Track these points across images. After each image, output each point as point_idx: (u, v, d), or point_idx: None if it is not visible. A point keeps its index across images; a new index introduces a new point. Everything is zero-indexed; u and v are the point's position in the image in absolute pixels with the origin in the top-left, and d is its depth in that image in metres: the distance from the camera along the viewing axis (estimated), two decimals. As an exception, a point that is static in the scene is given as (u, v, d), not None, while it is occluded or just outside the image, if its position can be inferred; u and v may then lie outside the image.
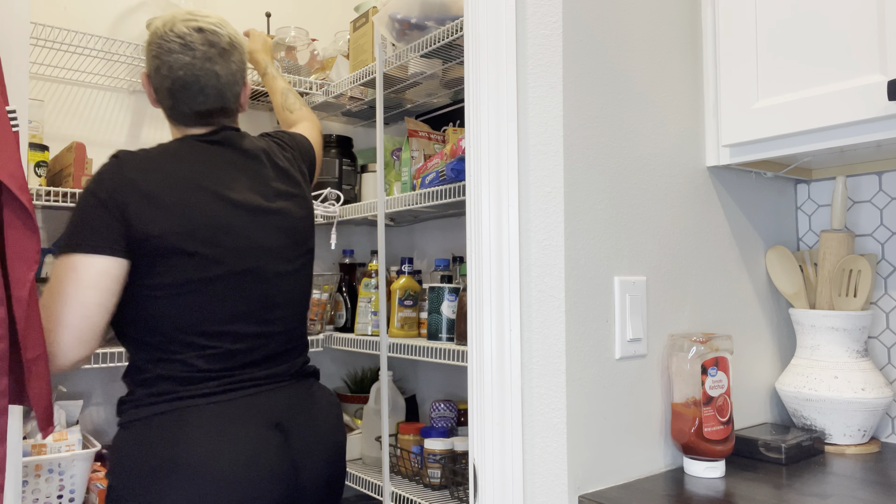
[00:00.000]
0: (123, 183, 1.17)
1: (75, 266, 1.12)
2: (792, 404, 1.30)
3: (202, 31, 1.27)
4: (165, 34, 1.26)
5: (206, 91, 1.28)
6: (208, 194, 1.22)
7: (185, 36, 1.26)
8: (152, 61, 1.28)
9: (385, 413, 1.85)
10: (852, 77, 1.07)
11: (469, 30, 1.17)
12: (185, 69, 1.26)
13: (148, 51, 1.30)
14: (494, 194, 1.12)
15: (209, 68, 1.27)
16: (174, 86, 1.27)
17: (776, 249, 1.38)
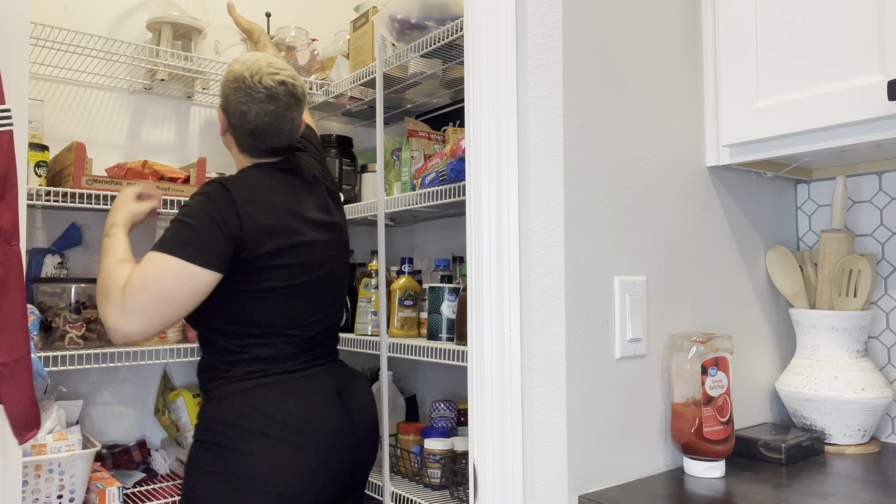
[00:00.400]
0: (235, 211, 1.38)
1: (192, 275, 1.33)
2: (792, 404, 1.30)
3: (284, 84, 1.49)
4: (254, 85, 1.47)
5: (282, 134, 1.51)
6: (295, 216, 1.47)
7: (272, 89, 1.47)
8: (238, 105, 1.48)
9: (385, 413, 1.85)
10: (852, 77, 1.07)
11: (469, 30, 1.17)
12: (270, 116, 1.48)
13: (233, 93, 1.48)
14: (494, 194, 1.12)
15: (288, 116, 1.50)
16: (257, 129, 1.49)
17: (776, 249, 1.38)
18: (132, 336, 1.31)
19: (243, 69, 1.48)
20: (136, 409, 2.10)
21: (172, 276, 1.31)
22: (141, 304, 1.29)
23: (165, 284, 1.30)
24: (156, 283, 1.30)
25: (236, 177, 1.45)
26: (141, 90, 2.17)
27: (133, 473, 1.97)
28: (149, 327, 1.31)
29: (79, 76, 2.06)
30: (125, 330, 1.29)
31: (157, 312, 1.31)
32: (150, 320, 1.31)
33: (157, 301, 1.30)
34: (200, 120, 2.30)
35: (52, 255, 1.90)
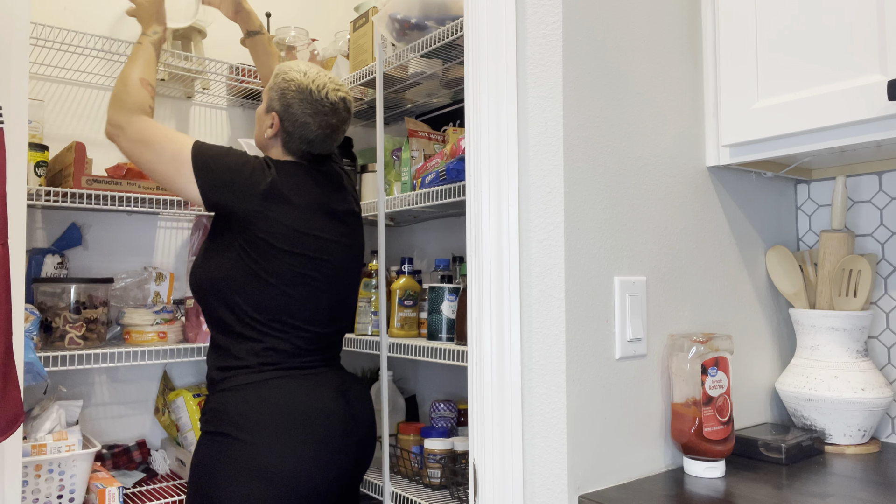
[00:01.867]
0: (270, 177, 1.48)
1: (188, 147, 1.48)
2: (792, 404, 1.30)
3: (345, 100, 1.60)
4: (321, 99, 1.56)
5: (333, 144, 1.62)
6: (322, 212, 1.54)
7: (335, 104, 1.58)
8: (302, 116, 1.55)
9: (385, 413, 1.85)
10: (852, 77, 1.07)
11: (469, 30, 1.17)
12: (329, 129, 1.58)
13: (297, 103, 1.56)
14: (494, 194, 1.12)
15: (343, 129, 1.62)
16: (317, 138, 1.57)
17: (776, 249, 1.38)
18: (117, 137, 1.52)
19: (308, 82, 1.56)
20: (136, 409, 2.10)
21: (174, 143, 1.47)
22: (142, 134, 1.49)
23: (165, 134, 1.49)
24: (159, 131, 1.50)
25: (278, 161, 1.55)
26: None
27: (133, 473, 1.97)
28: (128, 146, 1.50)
29: (79, 76, 2.06)
30: (116, 134, 1.51)
31: (144, 134, 1.49)
32: (136, 136, 1.49)
33: (157, 142, 1.47)
34: (200, 120, 2.30)
35: (52, 255, 1.90)
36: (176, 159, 1.45)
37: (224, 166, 1.46)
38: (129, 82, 1.55)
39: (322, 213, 1.53)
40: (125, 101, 1.52)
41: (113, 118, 1.51)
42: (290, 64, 1.60)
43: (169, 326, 1.92)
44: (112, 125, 1.51)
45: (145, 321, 1.89)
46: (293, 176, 1.51)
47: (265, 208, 1.45)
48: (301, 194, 1.50)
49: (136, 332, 1.88)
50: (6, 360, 1.07)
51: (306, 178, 1.54)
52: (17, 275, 1.22)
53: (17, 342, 1.21)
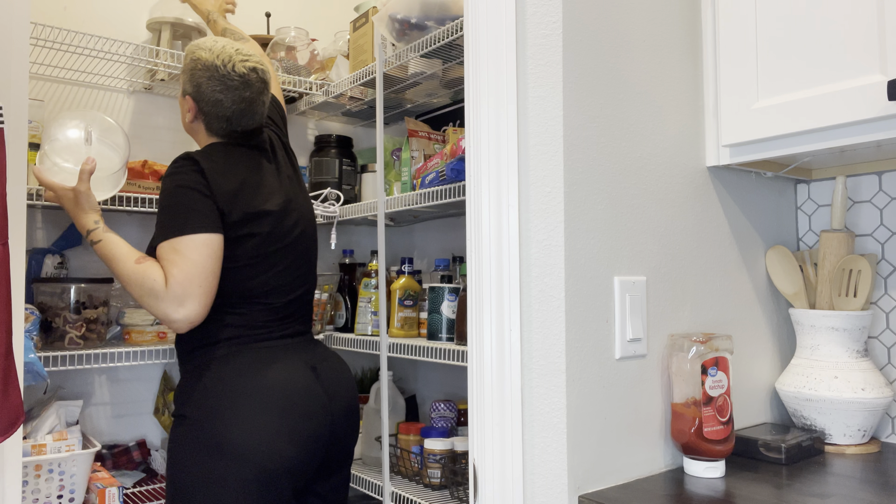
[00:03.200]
0: (204, 179, 1.44)
1: (207, 242, 1.40)
2: (792, 404, 1.30)
3: (255, 70, 1.54)
4: (228, 73, 1.51)
5: (255, 117, 1.57)
6: (260, 187, 1.51)
7: (245, 76, 1.52)
8: (213, 94, 1.51)
9: (385, 413, 1.85)
10: (852, 77, 1.07)
11: (469, 30, 1.17)
12: (245, 102, 1.53)
13: (206, 82, 1.52)
14: (494, 194, 1.12)
15: (261, 100, 1.57)
16: (234, 114, 1.53)
17: (776, 249, 1.38)
18: (196, 318, 1.38)
19: (212, 57, 1.51)
20: (136, 409, 2.10)
21: (194, 251, 1.38)
22: (188, 288, 1.36)
23: (194, 261, 1.38)
24: (189, 264, 1.37)
25: (201, 151, 1.50)
26: (141, 90, 2.17)
27: (133, 473, 1.97)
28: (205, 304, 1.39)
29: (79, 76, 2.06)
30: (190, 317, 1.37)
31: (203, 288, 1.38)
32: (203, 296, 1.38)
33: (198, 279, 1.37)
34: (200, 120, 2.30)
35: (52, 255, 1.90)
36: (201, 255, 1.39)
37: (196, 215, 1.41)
38: (132, 276, 1.40)
39: (258, 188, 1.51)
40: (154, 289, 1.37)
41: (166, 313, 1.37)
42: (198, 41, 1.56)
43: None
44: (169, 319, 1.37)
45: (145, 321, 1.89)
46: (220, 163, 1.49)
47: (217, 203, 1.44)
48: (232, 177, 1.48)
49: (136, 332, 1.88)
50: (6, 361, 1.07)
51: (234, 158, 1.52)
52: (17, 275, 1.22)
53: (17, 342, 1.21)
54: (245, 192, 1.48)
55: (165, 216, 1.42)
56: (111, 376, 2.06)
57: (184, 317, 1.36)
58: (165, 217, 1.42)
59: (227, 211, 1.44)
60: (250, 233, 1.47)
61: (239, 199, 1.47)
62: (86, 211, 1.51)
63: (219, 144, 1.54)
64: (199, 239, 1.39)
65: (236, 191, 1.47)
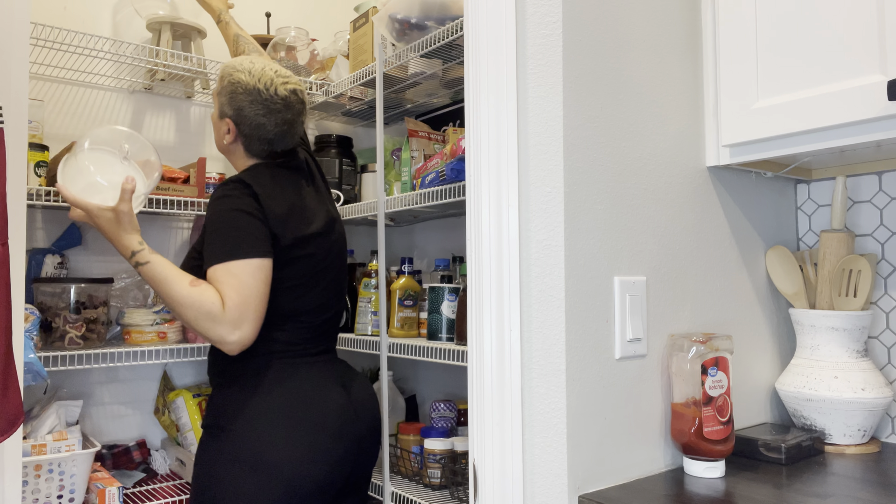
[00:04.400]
0: (257, 203, 1.45)
1: (260, 267, 1.41)
2: (792, 404, 1.30)
3: (296, 92, 1.56)
4: (271, 97, 1.52)
5: (294, 138, 1.60)
6: (305, 210, 1.53)
7: (287, 98, 1.54)
8: (255, 117, 1.53)
9: (385, 413, 1.85)
10: (852, 77, 1.07)
11: (469, 30, 1.17)
12: (287, 125, 1.56)
13: (248, 106, 1.52)
14: (494, 194, 1.12)
15: (300, 121, 1.60)
16: (276, 137, 1.55)
17: (776, 249, 1.38)
18: (248, 342, 1.39)
19: (254, 81, 1.52)
20: (136, 409, 2.10)
21: (249, 275, 1.39)
22: (244, 312, 1.37)
23: (249, 285, 1.39)
24: (245, 289, 1.38)
25: (248, 174, 1.50)
26: (141, 90, 2.17)
27: (133, 473, 1.97)
28: (258, 327, 1.40)
29: (79, 76, 2.06)
30: (244, 339, 1.38)
31: (257, 312, 1.39)
32: (257, 320, 1.39)
33: (253, 303, 1.38)
34: (200, 120, 2.30)
35: (52, 255, 1.90)
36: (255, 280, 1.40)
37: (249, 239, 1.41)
38: (187, 299, 1.37)
39: (304, 211, 1.53)
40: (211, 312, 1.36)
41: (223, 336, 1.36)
42: (234, 63, 1.56)
43: (169, 326, 1.92)
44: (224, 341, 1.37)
45: (145, 321, 1.89)
46: (269, 186, 1.49)
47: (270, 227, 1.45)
48: (282, 201, 1.49)
49: (136, 332, 1.88)
50: (6, 361, 1.07)
51: (280, 181, 1.52)
52: (17, 275, 1.22)
53: (17, 342, 1.21)
54: (294, 216, 1.49)
55: (219, 239, 1.41)
56: (111, 376, 2.06)
57: (238, 339, 1.37)
58: (219, 240, 1.41)
59: (279, 234, 1.45)
60: (299, 255, 1.49)
61: (289, 222, 1.48)
62: (129, 232, 1.45)
63: (262, 166, 1.54)
64: (253, 263, 1.40)
65: (286, 215, 1.48)
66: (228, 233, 1.42)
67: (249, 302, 1.38)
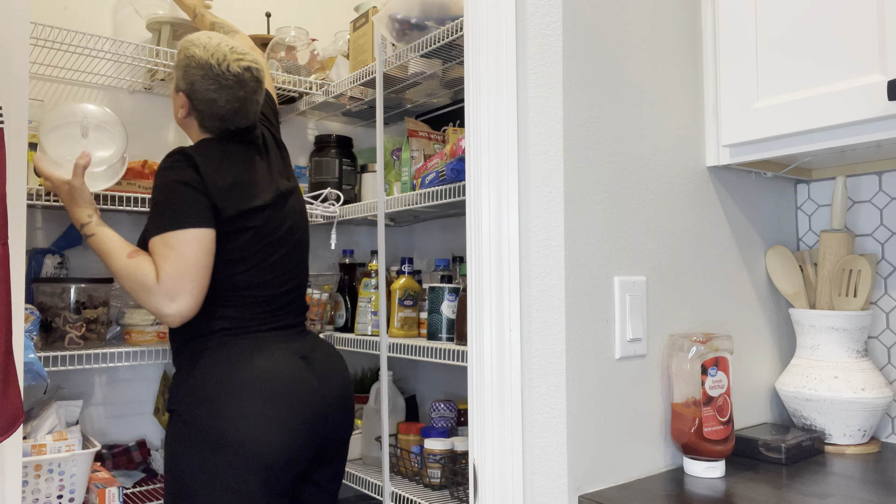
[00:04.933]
0: (197, 174, 1.45)
1: (199, 237, 1.40)
2: (792, 404, 1.30)
3: (250, 69, 1.54)
4: (223, 73, 1.51)
5: (249, 115, 1.57)
6: (252, 183, 1.52)
7: (239, 75, 1.52)
8: (207, 93, 1.52)
9: (385, 413, 1.85)
10: (852, 77, 1.07)
11: (469, 30, 1.17)
12: (239, 101, 1.54)
13: (200, 80, 1.52)
14: (494, 194, 1.12)
15: (255, 99, 1.57)
16: (227, 113, 1.54)
17: (776, 249, 1.38)
18: (188, 313, 1.39)
19: (207, 55, 1.51)
20: (136, 409, 2.10)
21: (187, 246, 1.39)
22: (180, 283, 1.37)
23: (188, 255, 1.38)
24: (181, 259, 1.38)
25: (195, 147, 1.51)
26: (141, 90, 2.17)
27: (133, 473, 1.97)
28: (197, 299, 1.40)
29: (79, 76, 2.06)
30: (182, 311, 1.38)
31: (195, 283, 1.39)
32: (195, 290, 1.39)
33: (191, 273, 1.38)
34: (200, 120, 2.30)
35: (52, 255, 1.90)
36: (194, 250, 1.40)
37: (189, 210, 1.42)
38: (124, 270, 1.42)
39: (251, 184, 1.52)
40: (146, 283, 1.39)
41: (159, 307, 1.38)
42: (191, 37, 1.56)
43: (169, 326, 1.92)
44: (161, 313, 1.39)
45: (145, 321, 1.89)
46: (214, 158, 1.49)
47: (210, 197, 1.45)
48: (226, 173, 1.48)
49: (136, 332, 1.88)
50: (6, 361, 1.07)
51: (228, 155, 1.52)
52: (17, 275, 1.22)
53: (17, 342, 1.21)
54: (238, 188, 1.49)
55: (158, 210, 1.42)
56: (111, 376, 2.06)
57: (176, 311, 1.37)
58: (158, 211, 1.42)
59: (220, 206, 1.45)
60: (243, 227, 1.48)
61: (232, 194, 1.47)
62: (80, 205, 1.53)
63: (212, 140, 1.55)
64: (191, 234, 1.39)
65: (230, 186, 1.47)
66: (167, 204, 1.42)
67: (185, 273, 1.37)
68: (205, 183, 1.44)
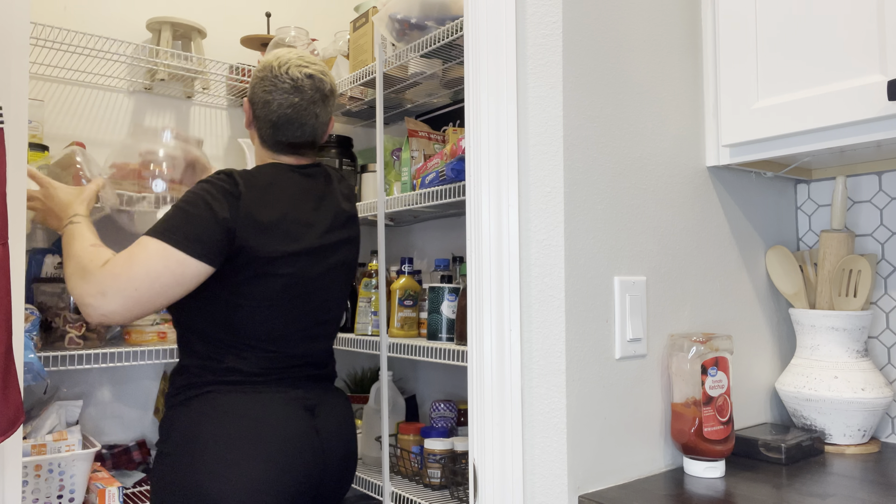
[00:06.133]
0: (234, 201, 1.33)
1: (180, 262, 1.27)
2: (792, 404, 1.30)
3: (311, 77, 1.46)
4: (280, 75, 1.44)
5: (304, 128, 1.47)
6: (299, 224, 1.40)
7: (297, 80, 1.44)
8: (262, 94, 1.45)
9: (385, 413, 1.85)
10: (852, 77, 1.07)
11: (469, 30, 1.17)
12: (292, 108, 1.45)
13: (259, 82, 1.47)
14: (494, 194, 1.12)
15: (312, 110, 1.47)
16: (279, 120, 1.45)
17: (776, 249, 1.38)
18: (111, 316, 1.25)
19: (273, 59, 1.46)
20: (136, 409, 2.10)
21: (159, 259, 1.25)
22: (123, 283, 1.24)
23: (151, 267, 1.25)
24: (141, 265, 1.25)
25: (250, 170, 1.40)
26: (141, 90, 2.17)
27: (133, 473, 1.97)
28: (130, 308, 1.25)
29: (79, 76, 2.06)
30: (104, 308, 1.24)
31: (139, 294, 1.24)
32: (132, 301, 1.24)
33: (139, 282, 1.24)
34: (200, 120, 2.30)
35: (52, 255, 1.90)
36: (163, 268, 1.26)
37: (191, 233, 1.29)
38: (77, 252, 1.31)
39: (298, 224, 1.40)
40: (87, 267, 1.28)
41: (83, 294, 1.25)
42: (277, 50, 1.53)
43: (169, 326, 1.92)
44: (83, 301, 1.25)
45: (145, 321, 1.89)
46: (261, 191, 1.37)
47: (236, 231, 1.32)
48: (271, 210, 1.36)
49: (136, 332, 1.88)
50: (6, 360, 1.07)
51: (281, 182, 1.41)
52: (17, 275, 1.22)
53: (17, 342, 1.21)
54: (279, 228, 1.36)
55: (168, 214, 1.31)
56: (111, 376, 2.06)
57: (97, 304, 1.23)
58: (167, 215, 1.31)
59: (253, 246, 1.32)
60: (274, 272, 1.36)
61: (271, 234, 1.35)
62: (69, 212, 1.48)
63: (269, 167, 1.43)
64: (176, 255, 1.26)
65: (270, 225, 1.35)
66: (179, 216, 1.30)
67: (134, 280, 1.23)
68: (238, 219, 1.31)
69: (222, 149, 2.32)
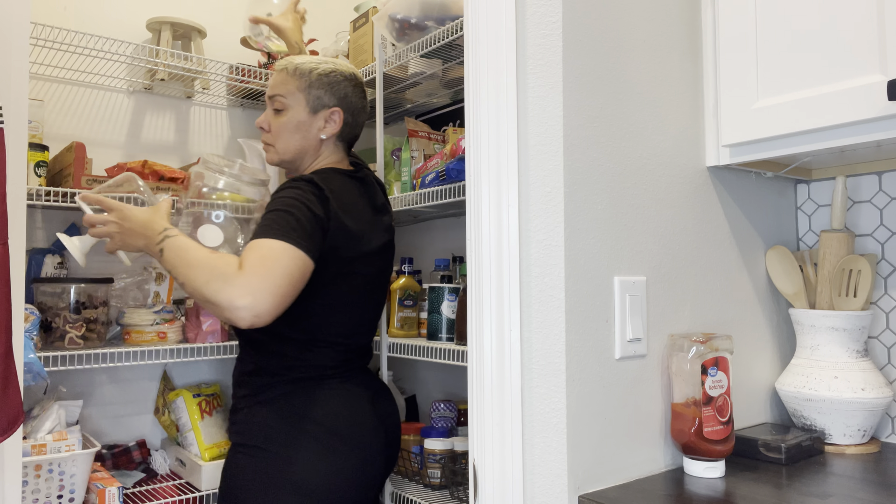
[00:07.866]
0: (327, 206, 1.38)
1: (301, 258, 1.27)
2: (792, 404, 1.30)
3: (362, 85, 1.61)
4: (361, 83, 1.58)
5: None
6: (369, 225, 1.48)
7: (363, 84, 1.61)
8: (358, 101, 1.57)
9: (385, 413, 1.85)
10: (852, 77, 1.07)
11: (469, 30, 1.17)
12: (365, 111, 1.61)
13: (352, 90, 1.56)
14: (494, 194, 1.12)
15: None
16: (363, 121, 1.60)
17: (776, 249, 1.38)
18: (263, 316, 1.20)
19: (346, 68, 1.56)
20: (136, 409, 2.10)
21: (290, 258, 1.25)
22: (269, 283, 1.20)
23: (286, 265, 1.23)
24: (278, 265, 1.23)
25: (320, 176, 1.42)
26: (141, 90, 2.17)
27: (133, 473, 1.97)
28: (277, 307, 1.22)
29: (79, 76, 2.06)
30: (257, 309, 1.19)
31: (283, 292, 1.22)
32: (279, 299, 1.22)
33: (281, 280, 1.22)
34: (200, 120, 2.30)
35: (52, 255, 1.90)
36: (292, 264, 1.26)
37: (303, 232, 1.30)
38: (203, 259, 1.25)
39: (368, 226, 1.47)
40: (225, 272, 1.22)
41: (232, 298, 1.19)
42: (304, 58, 1.54)
43: (169, 326, 1.92)
44: (233, 306, 1.19)
45: (145, 321, 1.89)
46: (345, 195, 1.44)
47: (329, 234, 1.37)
48: (354, 217, 1.43)
49: (136, 332, 1.88)
50: (6, 361, 1.07)
51: (354, 193, 1.48)
52: (17, 275, 1.22)
53: (17, 342, 1.21)
54: (358, 230, 1.43)
55: (267, 221, 1.29)
56: (111, 376, 2.06)
57: (250, 305, 1.18)
58: (267, 222, 1.29)
59: (339, 246, 1.38)
60: (354, 272, 1.43)
61: (351, 236, 1.41)
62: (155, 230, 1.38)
63: (332, 172, 1.47)
64: (295, 252, 1.26)
65: (354, 228, 1.41)
66: (287, 218, 1.29)
67: (277, 279, 1.22)
68: (330, 220, 1.36)
69: (222, 149, 2.32)
